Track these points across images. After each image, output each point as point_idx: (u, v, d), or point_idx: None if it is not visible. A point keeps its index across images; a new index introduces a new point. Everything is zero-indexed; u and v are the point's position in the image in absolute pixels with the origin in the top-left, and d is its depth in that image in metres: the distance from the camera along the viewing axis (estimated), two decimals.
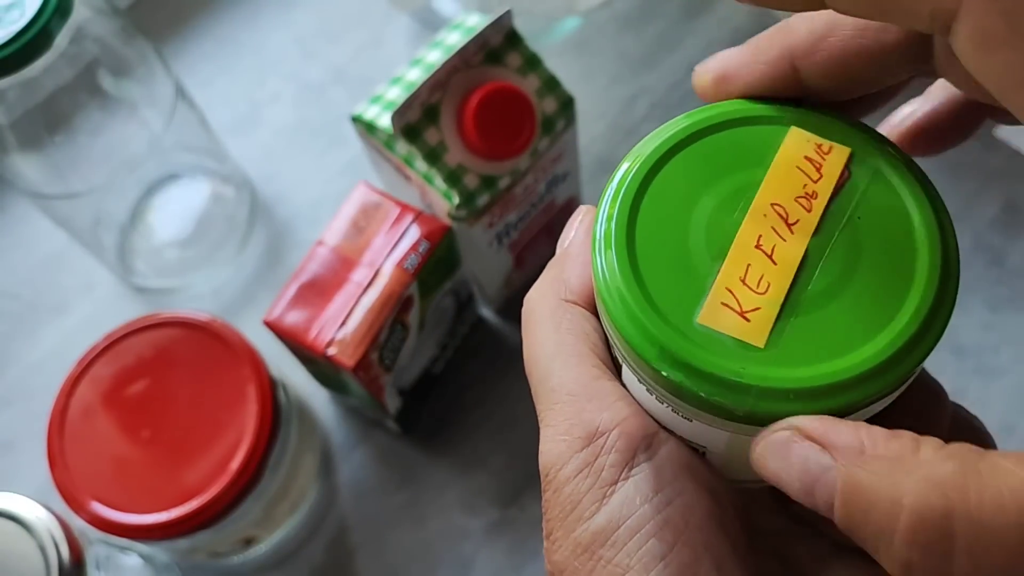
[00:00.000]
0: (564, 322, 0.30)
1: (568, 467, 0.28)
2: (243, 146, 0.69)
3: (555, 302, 0.31)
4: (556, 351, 0.30)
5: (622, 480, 0.28)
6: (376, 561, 0.58)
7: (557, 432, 0.29)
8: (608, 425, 0.28)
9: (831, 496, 0.24)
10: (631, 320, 0.26)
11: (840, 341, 0.26)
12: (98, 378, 0.51)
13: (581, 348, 0.30)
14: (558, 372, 0.30)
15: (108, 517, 0.49)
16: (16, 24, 0.46)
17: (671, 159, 0.29)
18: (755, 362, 0.26)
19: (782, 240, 0.27)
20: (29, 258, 0.67)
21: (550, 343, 0.30)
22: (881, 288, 0.26)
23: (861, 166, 0.28)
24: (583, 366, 0.29)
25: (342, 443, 0.61)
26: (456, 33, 0.53)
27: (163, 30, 0.73)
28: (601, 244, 0.28)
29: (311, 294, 0.51)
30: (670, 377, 0.26)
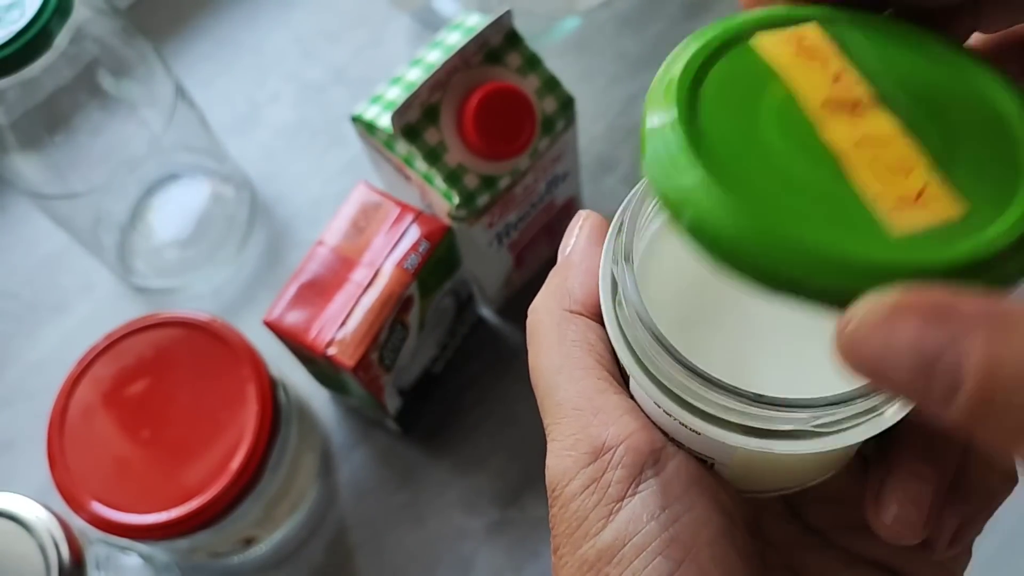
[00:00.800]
0: (569, 333, 0.30)
1: (575, 483, 0.28)
2: (243, 146, 0.69)
3: (560, 313, 0.30)
4: (561, 364, 0.29)
5: (629, 496, 0.27)
6: (376, 561, 0.58)
7: (563, 447, 0.29)
8: (615, 440, 0.28)
9: (957, 379, 0.18)
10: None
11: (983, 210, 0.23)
12: (98, 378, 0.51)
13: (587, 360, 0.29)
14: (563, 386, 0.29)
15: (108, 517, 0.48)
16: (16, 24, 0.46)
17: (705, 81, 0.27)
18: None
19: (867, 122, 0.24)
20: (29, 258, 0.67)
21: (555, 355, 0.30)
22: (987, 156, 0.24)
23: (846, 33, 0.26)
24: (588, 379, 0.29)
25: (342, 443, 0.61)
26: (456, 33, 0.53)
27: (163, 30, 0.73)
28: None
29: (311, 294, 0.51)
30: None
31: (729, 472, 0.29)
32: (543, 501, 0.57)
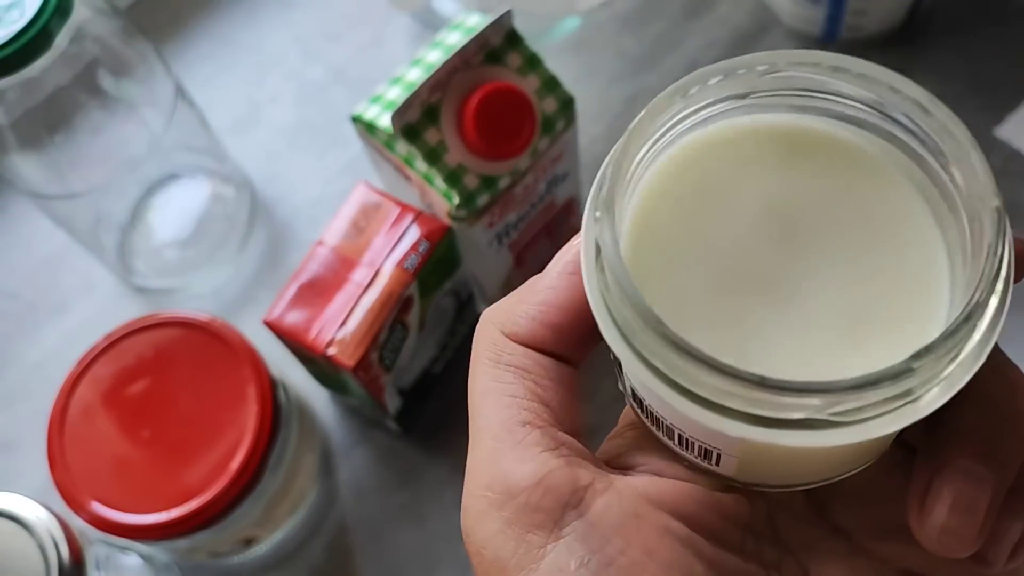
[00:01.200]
0: (505, 356, 0.27)
1: (488, 527, 0.25)
2: (243, 146, 0.69)
3: (502, 333, 0.28)
4: (489, 387, 0.27)
5: (552, 543, 0.24)
6: (376, 561, 0.58)
7: (477, 485, 0.26)
8: (529, 479, 0.25)
9: None
10: None
11: None
12: (98, 378, 0.51)
13: (516, 388, 0.26)
14: (487, 412, 0.27)
15: (108, 517, 0.49)
16: (16, 24, 0.46)
17: None
18: None
19: None
20: (29, 258, 0.67)
21: (485, 377, 0.27)
22: None
23: None
24: (513, 408, 0.26)
25: (342, 443, 0.61)
26: (456, 33, 0.53)
27: (163, 30, 0.73)
28: None
29: (311, 294, 0.51)
30: None
31: (737, 464, 0.25)
32: None
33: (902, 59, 0.67)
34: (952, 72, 0.67)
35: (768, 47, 0.69)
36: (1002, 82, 0.66)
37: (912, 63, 0.67)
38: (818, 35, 0.68)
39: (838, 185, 0.26)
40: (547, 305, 0.27)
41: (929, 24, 0.68)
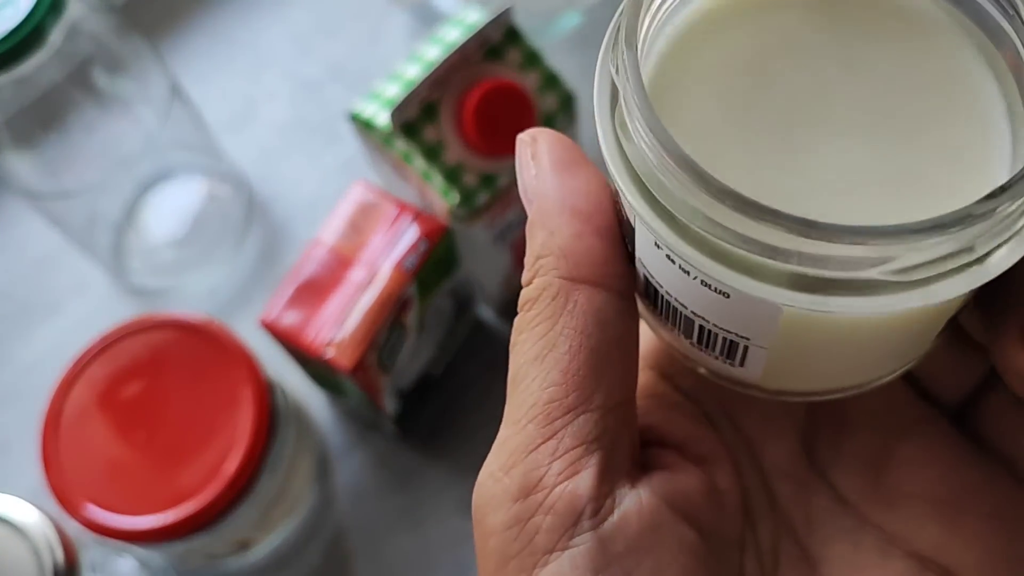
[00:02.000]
0: (564, 316, 0.24)
1: (498, 516, 0.24)
2: (239, 144, 0.69)
3: (558, 284, 0.24)
4: (541, 351, 0.24)
5: (558, 551, 0.23)
6: (374, 565, 0.58)
7: (499, 463, 0.24)
8: (553, 479, 0.23)
9: None
10: None
11: None
12: (93, 380, 0.51)
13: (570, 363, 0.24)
14: (531, 387, 0.24)
15: (103, 520, 0.48)
16: (10, 21, 0.45)
17: None
18: None
19: None
20: (22, 258, 0.67)
21: (538, 338, 0.24)
22: None
23: None
24: (561, 388, 0.24)
25: (339, 446, 0.61)
26: (455, 29, 0.53)
27: (158, 27, 0.73)
28: None
29: (308, 295, 0.51)
30: None
31: (767, 359, 0.23)
32: None
33: None
34: None
35: None
36: None
37: None
38: None
39: (887, 36, 0.23)
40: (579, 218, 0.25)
41: None
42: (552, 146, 0.26)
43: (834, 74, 0.23)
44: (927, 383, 0.28)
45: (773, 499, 0.27)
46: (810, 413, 0.28)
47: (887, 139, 0.22)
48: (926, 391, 0.28)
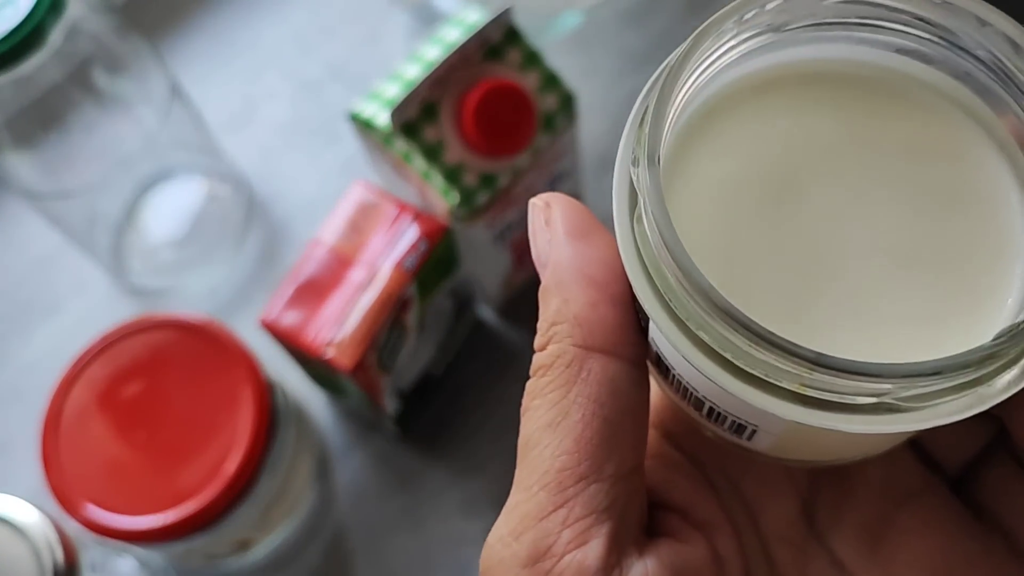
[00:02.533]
0: (578, 385, 0.24)
1: None
2: (239, 144, 0.69)
3: (572, 352, 0.24)
4: (554, 419, 0.24)
5: None
6: (374, 566, 0.58)
7: (508, 525, 0.24)
8: (562, 548, 0.23)
9: None
10: None
11: None
12: (93, 380, 0.51)
13: (583, 431, 0.24)
14: (544, 454, 0.25)
15: (102, 520, 0.48)
16: (10, 21, 0.45)
17: None
18: None
19: None
20: (22, 258, 0.67)
21: (551, 406, 0.25)
22: None
23: None
24: (574, 456, 0.24)
25: (339, 446, 0.61)
26: (455, 29, 0.53)
27: (158, 27, 0.73)
28: None
29: (308, 295, 0.51)
30: None
31: (774, 441, 0.24)
32: None
33: None
34: None
35: None
36: None
37: None
38: None
39: (903, 130, 0.23)
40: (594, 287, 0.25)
41: None
42: (566, 212, 0.26)
43: (863, 184, 0.22)
44: (930, 448, 0.28)
45: (772, 564, 0.27)
46: (811, 477, 0.28)
47: (905, 265, 0.22)
48: (928, 456, 0.28)
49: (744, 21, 0.22)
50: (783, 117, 0.23)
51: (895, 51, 0.23)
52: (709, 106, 0.23)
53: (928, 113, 0.23)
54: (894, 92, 0.23)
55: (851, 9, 0.22)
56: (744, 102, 0.23)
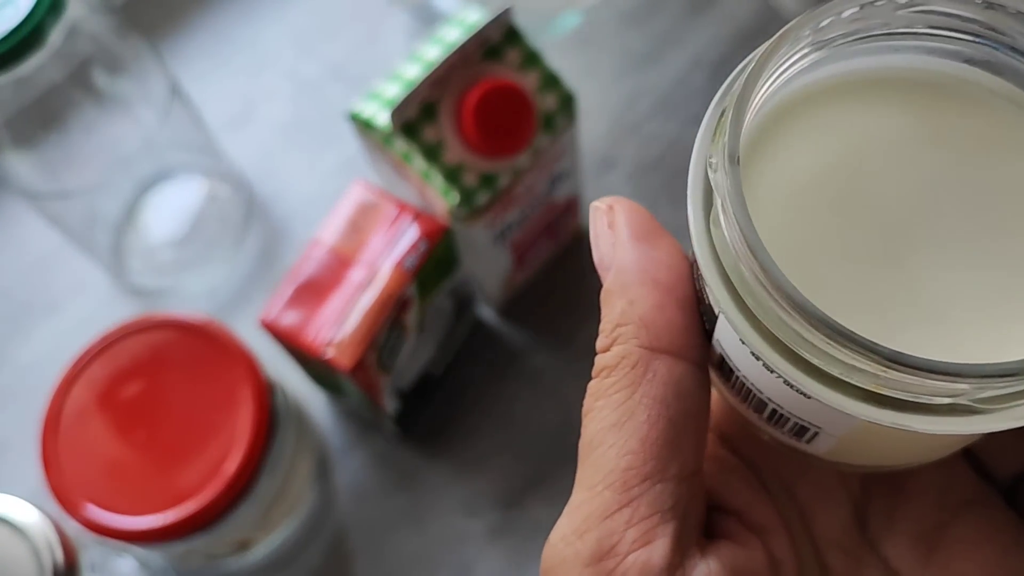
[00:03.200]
0: (644, 385, 0.25)
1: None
2: (239, 144, 0.69)
3: (638, 353, 0.25)
4: (619, 419, 0.25)
5: None
6: (375, 565, 0.58)
7: (572, 526, 0.25)
8: (627, 547, 0.24)
9: None
10: None
11: None
12: (93, 380, 0.51)
13: (648, 431, 0.24)
14: (609, 454, 0.25)
15: (102, 520, 0.48)
16: (9, 21, 0.45)
17: None
18: None
19: None
20: (22, 258, 0.67)
21: (617, 406, 0.25)
22: None
23: None
24: (639, 456, 0.24)
25: (340, 446, 0.61)
26: (455, 29, 0.53)
27: (158, 27, 0.73)
28: None
29: (308, 294, 0.51)
30: None
31: (834, 444, 0.24)
32: (545, 503, 0.57)
33: None
34: None
35: None
36: None
37: None
38: None
39: (972, 128, 0.23)
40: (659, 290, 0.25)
41: None
42: (631, 215, 0.26)
43: (935, 183, 0.23)
44: (983, 457, 0.28)
45: (825, 569, 0.28)
46: (864, 483, 0.28)
47: (978, 263, 0.22)
48: (981, 465, 0.28)
49: (820, 29, 0.22)
50: (853, 118, 0.23)
51: (964, 61, 0.23)
52: (782, 109, 0.24)
53: (996, 113, 0.23)
54: (963, 96, 0.23)
55: (923, 18, 0.22)
56: (816, 105, 0.24)
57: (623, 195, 0.27)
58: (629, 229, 0.26)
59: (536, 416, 0.60)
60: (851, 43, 0.23)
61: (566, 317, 0.59)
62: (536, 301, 0.63)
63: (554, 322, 0.60)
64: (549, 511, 0.57)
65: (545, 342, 0.62)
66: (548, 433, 0.60)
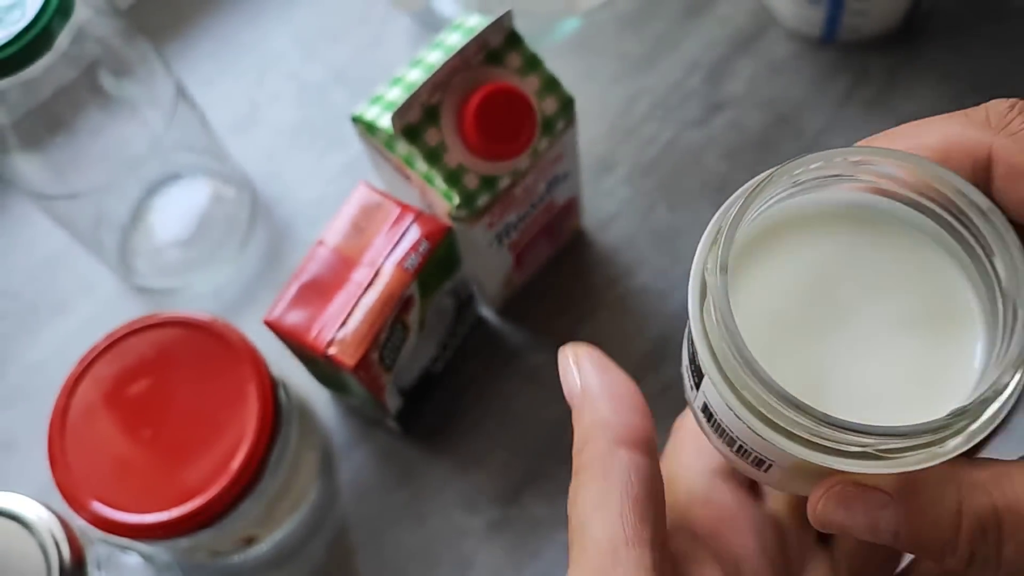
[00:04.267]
0: (613, 471, 0.32)
1: None
2: (244, 146, 0.69)
3: (606, 446, 0.32)
4: (599, 502, 0.31)
5: None
6: (376, 560, 0.58)
7: None
8: None
9: (895, 527, 0.27)
10: None
11: None
12: (99, 378, 0.51)
13: (623, 506, 0.31)
14: (594, 528, 0.31)
15: (109, 516, 0.49)
16: (17, 24, 0.46)
17: None
18: None
19: None
20: (30, 258, 0.68)
21: (595, 492, 0.32)
22: None
23: None
24: (619, 527, 0.31)
25: (342, 442, 0.61)
26: (456, 34, 0.53)
27: (163, 30, 0.73)
28: None
29: (312, 294, 0.51)
30: None
31: (781, 475, 0.31)
32: (543, 499, 0.58)
33: (901, 59, 0.67)
34: (951, 72, 0.67)
35: (768, 47, 0.69)
36: (1002, 82, 0.66)
37: (911, 63, 0.67)
38: (818, 36, 0.68)
39: (900, 258, 0.31)
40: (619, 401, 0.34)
41: (928, 24, 0.69)
42: (590, 354, 0.35)
43: (866, 290, 0.31)
44: None
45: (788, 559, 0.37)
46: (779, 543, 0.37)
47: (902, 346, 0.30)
48: None
49: (794, 175, 0.30)
50: (813, 240, 0.32)
51: (895, 199, 0.31)
52: (763, 231, 0.31)
53: (910, 238, 0.31)
54: (891, 225, 0.32)
55: (869, 169, 0.30)
56: (786, 229, 0.32)
57: (622, 196, 0.31)
58: (590, 363, 0.34)
59: (534, 413, 0.60)
60: (816, 184, 0.31)
61: (564, 316, 0.60)
62: (535, 300, 0.63)
63: (553, 321, 0.60)
64: (547, 507, 0.57)
65: (544, 341, 0.62)
66: (546, 430, 0.60)
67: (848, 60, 0.68)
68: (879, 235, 0.32)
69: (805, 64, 0.68)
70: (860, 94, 0.67)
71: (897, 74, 0.67)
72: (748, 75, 0.68)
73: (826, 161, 0.30)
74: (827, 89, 0.67)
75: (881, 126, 0.31)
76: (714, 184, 0.64)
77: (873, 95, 0.66)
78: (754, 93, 0.68)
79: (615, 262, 0.64)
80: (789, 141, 0.66)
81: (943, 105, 0.65)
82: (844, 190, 0.31)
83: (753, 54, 0.69)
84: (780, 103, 0.67)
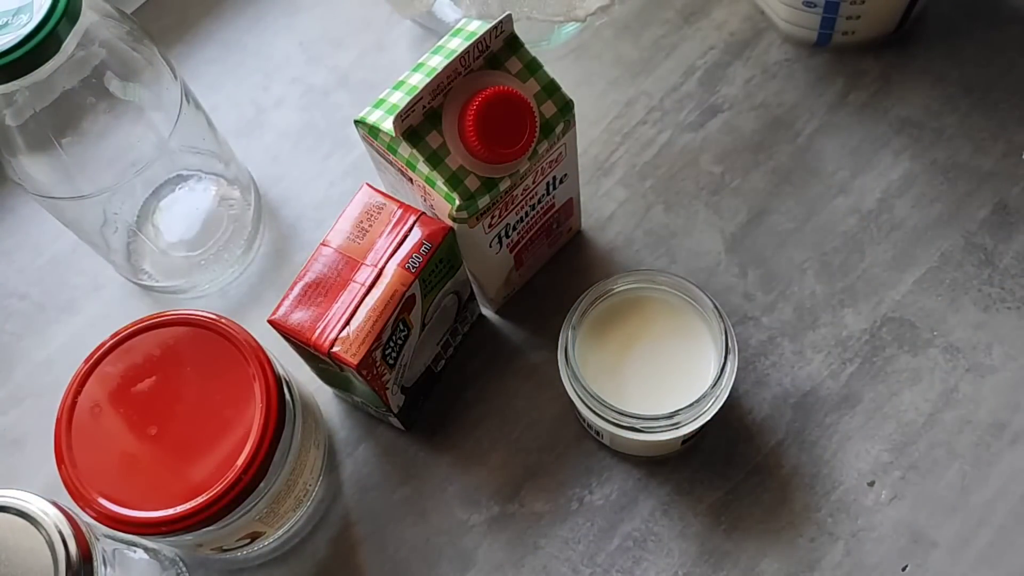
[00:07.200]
0: None
1: None
2: (249, 149, 0.69)
3: None
4: None
5: None
6: (379, 555, 0.58)
7: None
8: None
9: None
10: None
11: None
12: (106, 376, 0.51)
13: None
14: None
15: (115, 513, 0.49)
16: (25, 28, 0.46)
17: None
18: None
19: None
20: (38, 258, 0.68)
21: None
22: None
23: None
24: None
25: (346, 440, 0.61)
26: (457, 38, 0.53)
27: (169, 34, 0.74)
28: None
29: (315, 294, 0.51)
30: None
31: (612, 440, 0.56)
32: (543, 496, 0.58)
33: (895, 63, 0.68)
34: (944, 75, 0.67)
35: (764, 52, 0.69)
36: (994, 86, 0.67)
37: (905, 67, 0.68)
38: (812, 40, 0.68)
39: (668, 321, 0.56)
40: None
41: (922, 28, 0.69)
42: None
43: (651, 340, 0.56)
44: None
45: None
46: None
47: (661, 365, 0.56)
48: None
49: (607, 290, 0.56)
50: (620, 311, 0.56)
51: (661, 287, 0.56)
52: (591, 315, 0.56)
53: (669, 306, 0.56)
54: (658, 299, 0.56)
55: (646, 276, 0.58)
56: (603, 312, 0.56)
57: (619, 197, 0.30)
58: None
59: (534, 411, 0.61)
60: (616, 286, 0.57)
61: (564, 315, 0.60)
62: (535, 299, 0.64)
63: (552, 320, 0.60)
64: (547, 503, 0.58)
65: (543, 339, 0.63)
66: (546, 428, 0.60)
67: (842, 64, 0.68)
68: (649, 309, 0.56)
69: (800, 68, 0.69)
70: (854, 97, 0.67)
71: (891, 78, 0.67)
72: (743, 79, 0.69)
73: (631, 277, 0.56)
74: (821, 92, 0.68)
75: (875, 129, 0.31)
76: (710, 186, 0.65)
77: (867, 98, 0.67)
78: (749, 97, 0.68)
79: (613, 262, 0.64)
80: (783, 144, 0.66)
81: (936, 108, 0.65)
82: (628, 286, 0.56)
83: (748, 58, 0.69)
84: (775, 106, 0.68)
